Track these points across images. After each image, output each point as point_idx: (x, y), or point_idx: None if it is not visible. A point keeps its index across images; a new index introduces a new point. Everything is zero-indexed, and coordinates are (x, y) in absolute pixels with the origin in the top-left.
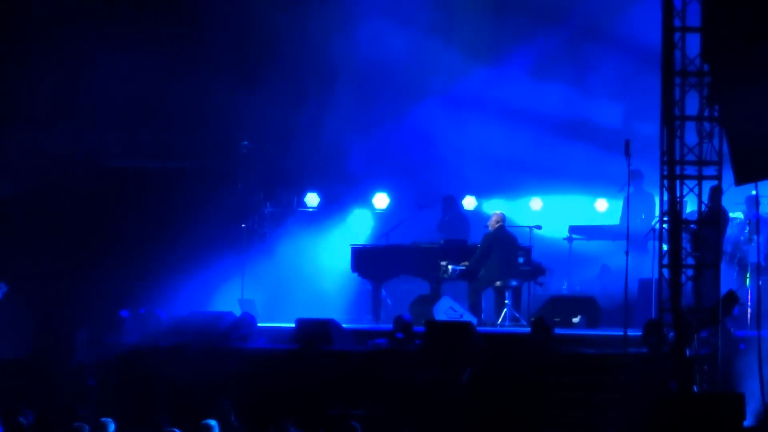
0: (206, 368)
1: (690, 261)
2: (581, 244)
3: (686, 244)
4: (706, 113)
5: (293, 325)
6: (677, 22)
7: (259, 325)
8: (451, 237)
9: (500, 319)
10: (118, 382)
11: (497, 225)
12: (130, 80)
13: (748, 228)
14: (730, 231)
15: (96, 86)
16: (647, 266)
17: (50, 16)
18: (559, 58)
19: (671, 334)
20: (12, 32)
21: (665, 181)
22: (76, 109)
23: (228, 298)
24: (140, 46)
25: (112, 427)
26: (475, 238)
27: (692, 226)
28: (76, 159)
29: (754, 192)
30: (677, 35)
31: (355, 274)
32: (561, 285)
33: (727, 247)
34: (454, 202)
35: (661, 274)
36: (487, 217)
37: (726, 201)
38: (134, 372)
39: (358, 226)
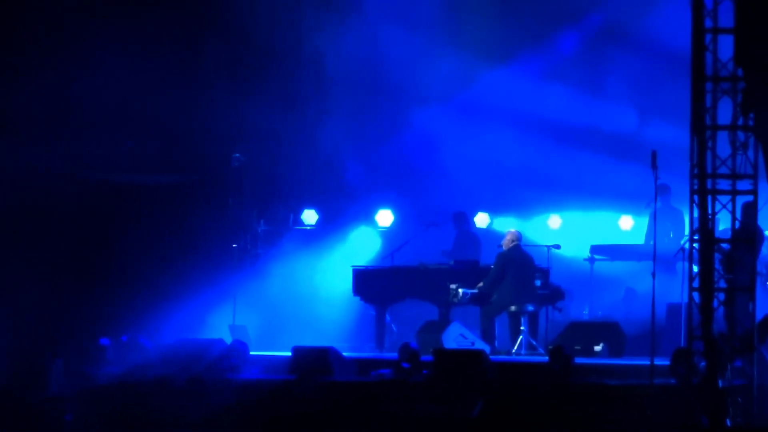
0: (194, 401)
1: (723, 284)
2: (604, 265)
3: (718, 265)
4: (740, 122)
5: (289, 353)
6: (708, 23)
7: (251, 353)
8: (462, 257)
9: (515, 347)
10: (97, 417)
11: (512, 244)
12: (116, 89)
13: None
14: (765, 251)
15: (78, 96)
16: (676, 289)
17: (37, 25)
18: (578, 62)
19: (702, 363)
20: None
21: (695, 197)
22: (56, 120)
23: (218, 324)
24: (128, 55)
25: None
26: (488, 258)
27: (725, 245)
28: (56, 172)
29: None
30: (708, 37)
31: (357, 298)
32: (582, 310)
33: (761, 269)
34: (465, 220)
35: (691, 297)
36: (501, 236)
37: (763, 218)
38: (115, 406)
39: (360, 245)
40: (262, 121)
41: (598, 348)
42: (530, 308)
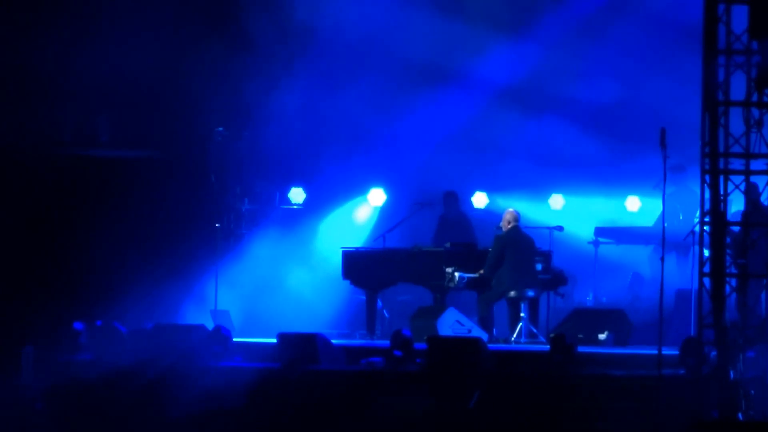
0: (173, 390)
1: (735, 269)
2: (609, 249)
3: (731, 249)
4: (754, 98)
5: (274, 340)
6: None
7: (234, 340)
8: (456, 240)
9: (515, 335)
10: (70, 406)
11: (510, 225)
12: (87, 57)
13: None
14: None
15: (47, 63)
16: (686, 275)
17: None
18: (582, 36)
19: (713, 353)
20: None
21: (707, 177)
22: (25, 91)
23: (199, 309)
24: (103, 24)
25: None
26: (485, 241)
27: (737, 228)
28: (22, 145)
29: None
30: (721, 7)
31: (347, 282)
32: (585, 296)
33: None
34: (456, 200)
35: (701, 283)
36: (499, 217)
37: None
38: (89, 395)
39: (350, 226)
40: (247, 94)
41: (602, 336)
42: (531, 294)
